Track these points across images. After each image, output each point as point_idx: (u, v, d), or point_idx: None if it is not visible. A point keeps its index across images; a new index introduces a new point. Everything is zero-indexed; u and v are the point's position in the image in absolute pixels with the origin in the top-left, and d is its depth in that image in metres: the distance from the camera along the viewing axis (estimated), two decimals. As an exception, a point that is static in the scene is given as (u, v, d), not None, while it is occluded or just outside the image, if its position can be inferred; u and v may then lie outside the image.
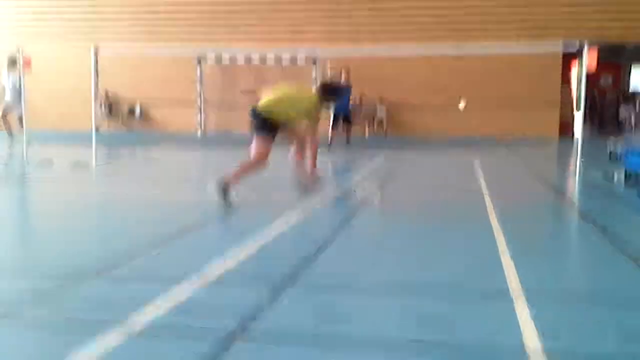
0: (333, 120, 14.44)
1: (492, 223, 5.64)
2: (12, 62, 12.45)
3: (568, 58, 18.41)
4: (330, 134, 14.14)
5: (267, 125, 6.60)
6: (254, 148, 6.63)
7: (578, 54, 9.93)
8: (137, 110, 20.95)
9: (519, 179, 9.47)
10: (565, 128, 19.00)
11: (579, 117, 9.72)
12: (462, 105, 7.87)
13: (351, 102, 18.76)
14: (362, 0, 19.28)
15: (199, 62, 19.86)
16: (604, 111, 24.75)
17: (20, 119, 12.37)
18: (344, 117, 14.69)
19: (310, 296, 3.55)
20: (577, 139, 10.23)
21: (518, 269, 3.99)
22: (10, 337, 2.98)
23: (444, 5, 18.81)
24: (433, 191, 7.87)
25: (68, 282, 3.70)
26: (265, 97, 6.77)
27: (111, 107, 20.83)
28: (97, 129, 11.69)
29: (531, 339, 2.90)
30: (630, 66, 24.97)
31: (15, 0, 21.23)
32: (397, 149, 12.08)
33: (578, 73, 11.05)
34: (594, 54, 9.30)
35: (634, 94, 24.06)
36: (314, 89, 7.16)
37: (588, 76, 9.65)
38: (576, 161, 9.33)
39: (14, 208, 6.72)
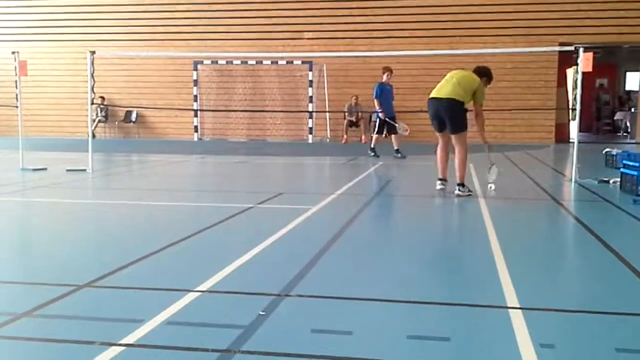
0: (380, 125, 13.14)
1: (488, 231, 5.63)
2: None
3: (564, 61, 18.47)
4: (374, 139, 13.33)
5: (459, 109, 7.51)
6: (458, 144, 7.60)
7: (574, 57, 9.94)
8: (133, 116, 20.94)
9: (514, 185, 9.46)
10: (561, 131, 19.04)
11: (575, 120, 9.71)
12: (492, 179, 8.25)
13: (358, 105, 18.77)
14: (359, 5, 19.31)
15: (195, 67, 19.86)
16: (600, 114, 24.81)
17: None
18: (389, 120, 13.08)
19: (306, 308, 3.54)
20: (573, 142, 10.24)
21: (514, 280, 3.98)
22: None
23: (440, 11, 18.85)
24: (428, 199, 7.87)
25: (60, 292, 3.68)
26: (438, 87, 7.73)
27: (107, 113, 20.81)
28: (93, 136, 11.68)
29: (528, 352, 2.89)
30: (625, 68, 25.09)
31: (12, 7, 21.21)
32: (393, 154, 12.13)
33: (574, 76, 11.06)
34: (590, 57, 9.31)
35: (629, 95, 24.13)
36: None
37: (584, 78, 9.66)
38: (572, 166, 9.33)
39: (7, 217, 6.69)
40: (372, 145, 13.22)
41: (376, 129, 13.26)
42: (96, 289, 3.83)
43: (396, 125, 12.98)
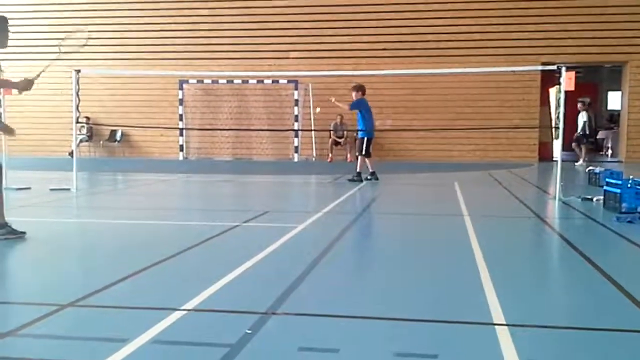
0: (366, 145, 11.91)
1: (474, 248, 5.65)
2: None
3: (546, 80, 18.70)
4: (361, 162, 12.00)
5: None
6: None
7: (556, 76, 10.06)
8: (118, 135, 20.86)
9: (499, 204, 9.53)
10: (544, 149, 19.22)
11: (558, 139, 9.81)
12: None
13: (343, 124, 18.77)
14: (344, 25, 19.47)
15: (181, 86, 19.86)
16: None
17: None
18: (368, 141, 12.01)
19: (292, 326, 3.52)
20: (557, 161, 10.34)
21: (500, 297, 3.99)
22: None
23: (424, 31, 19.04)
24: (413, 217, 7.89)
25: (43, 312, 3.64)
26: None
27: (92, 132, 20.71)
28: (77, 155, 11.59)
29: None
30: (607, 88, 25.37)
31: None
32: (380, 172, 12.14)
33: (556, 95, 11.20)
34: (572, 76, 9.45)
35: (612, 115, 24.36)
36: None
37: (566, 97, 9.79)
38: (556, 184, 9.40)
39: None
40: (370, 170, 11.90)
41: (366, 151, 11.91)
42: (80, 308, 3.79)
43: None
